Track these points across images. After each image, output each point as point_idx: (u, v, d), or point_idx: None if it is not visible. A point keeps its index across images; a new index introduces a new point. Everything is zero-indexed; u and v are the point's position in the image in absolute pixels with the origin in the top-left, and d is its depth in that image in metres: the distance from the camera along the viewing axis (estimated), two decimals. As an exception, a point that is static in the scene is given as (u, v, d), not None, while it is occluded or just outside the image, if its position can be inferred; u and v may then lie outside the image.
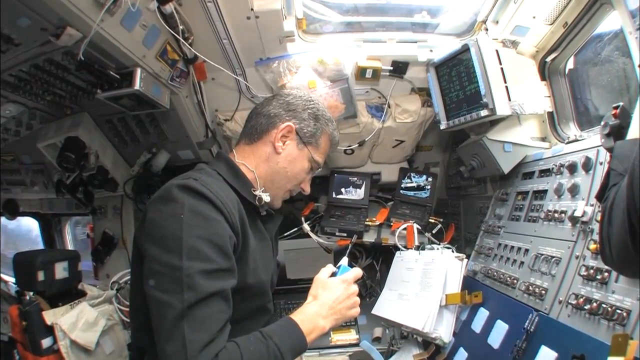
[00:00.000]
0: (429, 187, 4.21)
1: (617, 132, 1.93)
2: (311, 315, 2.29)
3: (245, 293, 2.28)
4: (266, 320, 2.62)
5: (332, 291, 2.41)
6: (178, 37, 2.95)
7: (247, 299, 2.32)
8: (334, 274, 2.58)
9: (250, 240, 2.37)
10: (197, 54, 3.20)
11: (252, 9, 2.96)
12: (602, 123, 2.03)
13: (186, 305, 1.89)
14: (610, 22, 2.79)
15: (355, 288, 2.51)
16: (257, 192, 2.57)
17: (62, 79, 3.15)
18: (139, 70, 2.90)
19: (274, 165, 2.61)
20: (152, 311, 1.99)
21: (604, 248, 1.52)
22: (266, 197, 2.59)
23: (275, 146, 2.59)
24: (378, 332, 3.85)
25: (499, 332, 2.52)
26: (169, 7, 2.76)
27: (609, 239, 1.45)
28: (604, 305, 1.95)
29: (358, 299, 2.51)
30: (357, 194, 4.28)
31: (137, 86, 2.88)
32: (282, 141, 2.60)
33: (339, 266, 2.64)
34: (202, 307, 1.93)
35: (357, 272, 2.59)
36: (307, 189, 2.84)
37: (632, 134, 1.70)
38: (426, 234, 3.89)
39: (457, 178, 4.32)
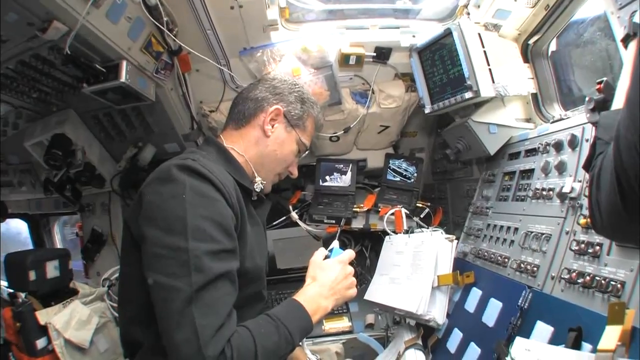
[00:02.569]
0: (415, 172, 4.23)
1: (602, 106, 1.96)
2: (314, 296, 2.30)
3: (243, 278, 2.19)
4: (260, 308, 2.58)
5: (330, 272, 2.44)
6: (163, 28, 2.95)
7: (244, 285, 2.22)
8: (327, 257, 2.60)
9: (246, 223, 2.33)
10: (181, 44, 3.20)
11: (235, -1, 2.96)
12: (587, 98, 2.05)
13: (195, 288, 1.82)
14: (591, 4, 2.82)
15: (351, 269, 2.53)
16: (256, 180, 2.58)
17: (48, 74, 3.13)
18: (124, 63, 2.88)
19: (264, 149, 2.59)
20: (156, 298, 1.91)
21: (594, 215, 1.54)
22: (261, 185, 2.60)
23: (265, 129, 2.57)
24: (370, 318, 3.88)
25: (493, 310, 2.55)
26: (154, -1, 2.76)
27: (599, 204, 1.47)
28: (597, 278, 1.98)
29: (354, 279, 2.52)
30: (343, 180, 4.29)
31: (123, 79, 2.86)
32: (271, 124, 2.59)
33: (331, 249, 2.66)
34: (210, 290, 1.87)
35: (351, 253, 2.61)
36: (295, 172, 2.84)
37: (616, 104, 1.72)
38: (414, 218, 3.93)
39: (442, 162, 4.36)
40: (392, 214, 3.87)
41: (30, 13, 2.32)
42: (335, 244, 2.70)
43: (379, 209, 4.03)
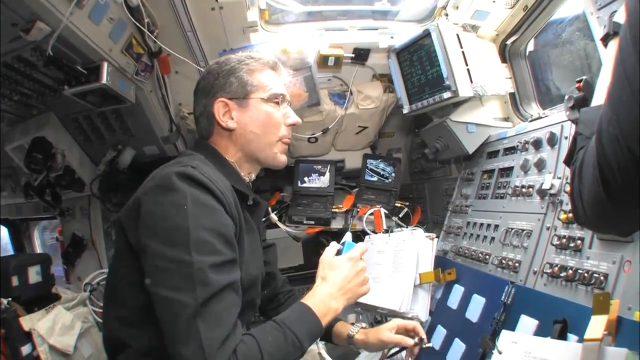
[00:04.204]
0: (393, 172, 4.27)
1: (582, 103, 2.01)
2: (323, 298, 2.23)
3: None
4: (251, 316, 2.56)
5: (340, 270, 2.34)
6: (144, 29, 2.95)
7: None
8: (339, 252, 2.49)
9: (244, 231, 2.28)
10: (162, 46, 3.19)
11: (216, 0, 2.96)
12: (567, 97, 2.10)
13: (200, 302, 1.78)
14: (569, 4, 2.88)
15: (362, 264, 2.42)
16: (250, 177, 2.53)
17: (30, 76, 3.11)
18: (105, 65, 2.87)
19: (241, 139, 2.45)
20: (160, 312, 1.87)
21: (577, 207, 1.57)
22: (253, 176, 2.56)
23: (228, 126, 2.42)
24: (352, 318, 3.87)
25: (477, 306, 2.58)
26: (136, 0, 2.76)
27: (581, 196, 1.50)
28: (580, 271, 2.03)
29: (367, 276, 2.42)
30: (322, 181, 4.30)
31: (104, 80, 2.85)
32: (227, 117, 2.43)
33: (343, 242, 2.54)
34: (216, 302, 1.84)
35: (363, 247, 2.49)
36: (296, 120, 2.59)
37: (596, 101, 1.76)
38: (393, 218, 3.95)
39: (420, 162, 4.41)
40: (371, 214, 3.90)
41: (15, 13, 2.30)
42: (348, 236, 2.62)
43: (358, 209, 4.05)
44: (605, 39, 1.79)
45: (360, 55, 3.75)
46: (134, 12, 2.85)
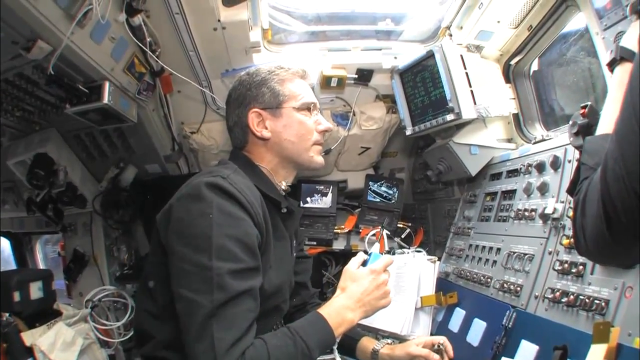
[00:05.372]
0: (396, 193, 4.25)
1: (586, 130, 1.98)
2: (339, 309, 2.26)
3: (260, 295, 2.19)
4: (277, 321, 2.61)
5: (360, 283, 2.36)
6: (145, 49, 2.94)
7: (262, 301, 2.21)
8: (365, 262, 2.50)
9: (271, 241, 2.35)
10: (164, 65, 3.18)
11: (219, 20, 2.95)
12: (571, 122, 2.08)
13: (216, 304, 1.91)
14: (573, 21, 2.86)
15: (385, 277, 2.42)
16: (282, 184, 2.58)
17: (32, 94, 3.10)
18: (107, 84, 2.87)
19: (277, 147, 2.55)
20: (180, 310, 2.02)
21: (579, 239, 1.56)
22: (287, 185, 2.62)
23: (263, 135, 2.51)
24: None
25: (477, 330, 2.56)
26: (137, 19, 2.74)
27: (584, 229, 1.49)
28: (581, 297, 2.00)
29: (388, 289, 2.43)
30: (324, 202, 4.29)
31: (105, 100, 2.85)
32: (261, 127, 2.52)
33: (370, 254, 2.55)
34: (231, 307, 1.96)
35: (387, 259, 2.49)
36: (328, 126, 2.70)
37: (601, 129, 1.74)
38: (395, 239, 3.94)
39: (423, 183, 4.37)
40: (373, 234, 3.87)
41: (15, 31, 2.30)
42: (375, 248, 2.62)
43: (360, 230, 4.05)
44: (612, 65, 1.77)
45: (364, 75, 3.73)
46: (135, 31, 2.84)
